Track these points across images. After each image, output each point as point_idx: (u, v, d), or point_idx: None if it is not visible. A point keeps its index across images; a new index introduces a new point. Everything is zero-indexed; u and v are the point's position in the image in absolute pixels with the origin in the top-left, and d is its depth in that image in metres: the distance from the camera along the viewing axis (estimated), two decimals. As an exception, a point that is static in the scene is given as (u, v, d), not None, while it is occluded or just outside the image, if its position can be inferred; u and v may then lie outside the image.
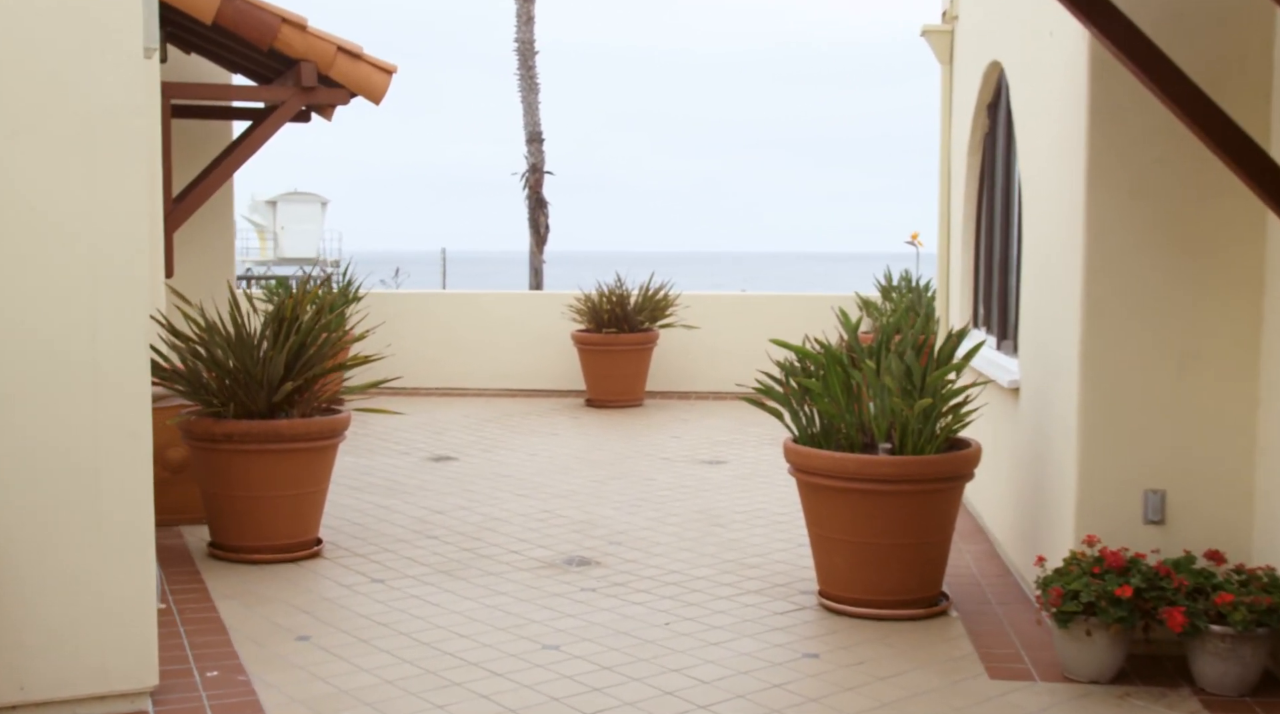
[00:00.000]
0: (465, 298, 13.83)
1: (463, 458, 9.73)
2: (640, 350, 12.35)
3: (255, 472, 6.37)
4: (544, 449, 10.10)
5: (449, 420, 11.56)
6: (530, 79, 26.21)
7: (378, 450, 10.02)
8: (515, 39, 26.16)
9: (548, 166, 26.53)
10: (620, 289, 12.48)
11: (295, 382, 6.38)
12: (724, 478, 8.98)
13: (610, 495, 8.33)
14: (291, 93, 8.17)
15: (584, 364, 12.52)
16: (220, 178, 8.00)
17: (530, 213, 26.53)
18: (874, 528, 5.48)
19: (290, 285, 12.59)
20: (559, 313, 13.11)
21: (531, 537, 7.17)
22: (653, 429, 11.16)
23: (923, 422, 5.46)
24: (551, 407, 12.42)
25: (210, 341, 6.32)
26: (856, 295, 13.01)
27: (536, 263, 26.47)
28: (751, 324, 13.10)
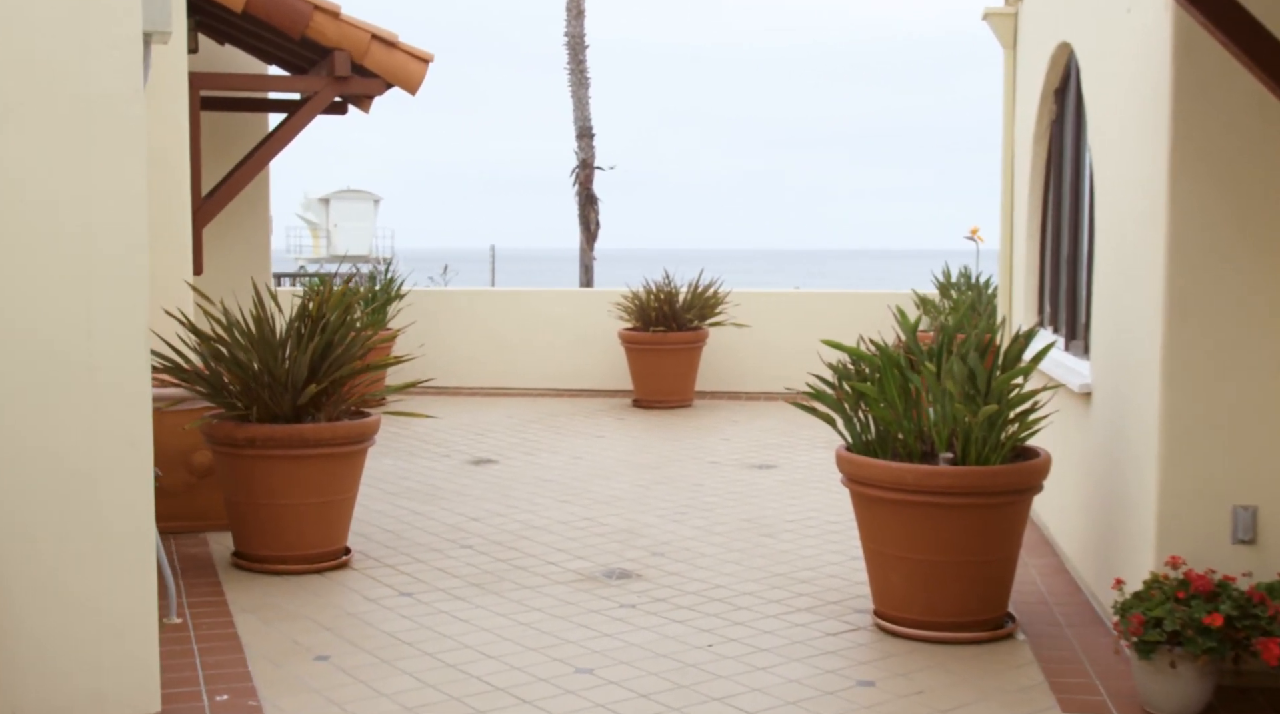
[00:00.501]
0: (510, 296, 13.52)
1: (504, 461, 9.40)
2: (689, 349, 11.97)
3: (279, 478, 6.07)
4: (588, 452, 9.75)
5: (492, 421, 11.24)
6: (580, 73, 25.91)
7: (417, 453, 9.72)
8: (565, 33, 25.86)
9: (598, 162, 26.24)
10: (668, 287, 12.11)
11: (320, 384, 6.06)
12: (774, 483, 8.58)
13: (655, 502, 7.96)
14: (325, 83, 7.87)
15: (631, 364, 12.16)
16: (251, 172, 7.72)
17: (580, 209, 26.23)
18: (934, 544, 5.07)
19: (331, 282, 12.33)
20: (606, 311, 12.77)
21: (570, 546, 6.83)
22: (701, 431, 10.79)
23: (987, 430, 5.05)
24: (597, 407, 12.07)
25: (232, 342, 6.02)
26: (913, 293, 12.55)
27: (587, 260, 26.17)
28: (804, 322, 12.68)
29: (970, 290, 12.24)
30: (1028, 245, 7.89)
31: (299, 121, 7.80)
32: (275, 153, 7.78)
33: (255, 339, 6.01)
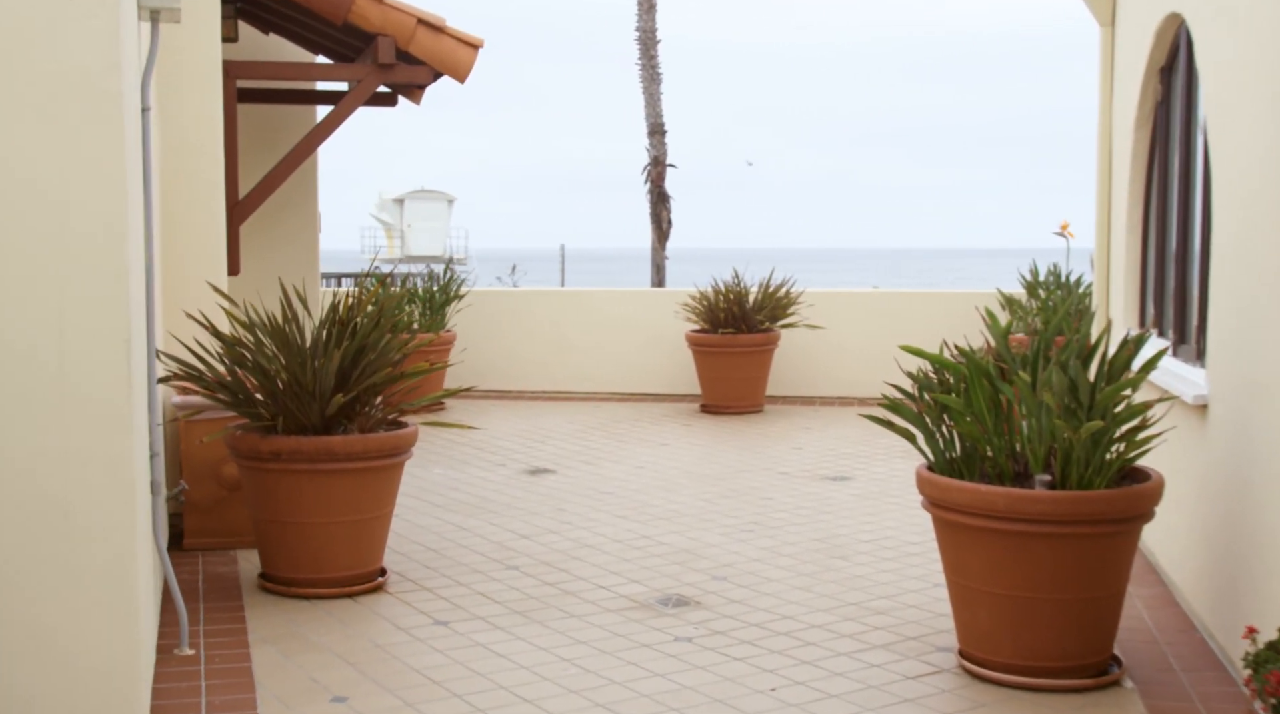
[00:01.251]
0: (573, 295, 13.03)
1: (561, 471, 8.89)
2: (759, 352, 11.38)
3: (306, 494, 5.60)
4: (651, 461, 9.21)
5: (553, 428, 10.74)
6: (652, 69, 25.39)
7: (472, 461, 9.24)
8: (636, 28, 25.35)
9: (670, 159, 25.69)
10: (738, 286, 11.53)
11: (349, 393, 5.58)
12: (848, 497, 7.97)
13: (719, 518, 7.40)
14: (368, 71, 7.41)
15: (699, 367, 11.60)
16: (289, 166, 7.29)
17: (652, 207, 25.71)
18: (1029, 578, 4.45)
19: (386, 283, 11.92)
20: (673, 312, 12.22)
21: (625, 569, 6.29)
22: (771, 439, 10.19)
23: (1091, 448, 4.42)
24: (663, 412, 11.52)
25: (255, 347, 5.56)
26: (998, 293, 11.83)
27: (659, 259, 25.64)
28: (881, 324, 12.04)
29: (1060, 289, 11.50)
30: (1128, 240, 7.21)
31: (341, 112, 7.35)
32: (316, 146, 7.33)
33: (280, 345, 5.54)
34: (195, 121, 6.79)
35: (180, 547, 6.50)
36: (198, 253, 6.84)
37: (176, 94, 6.77)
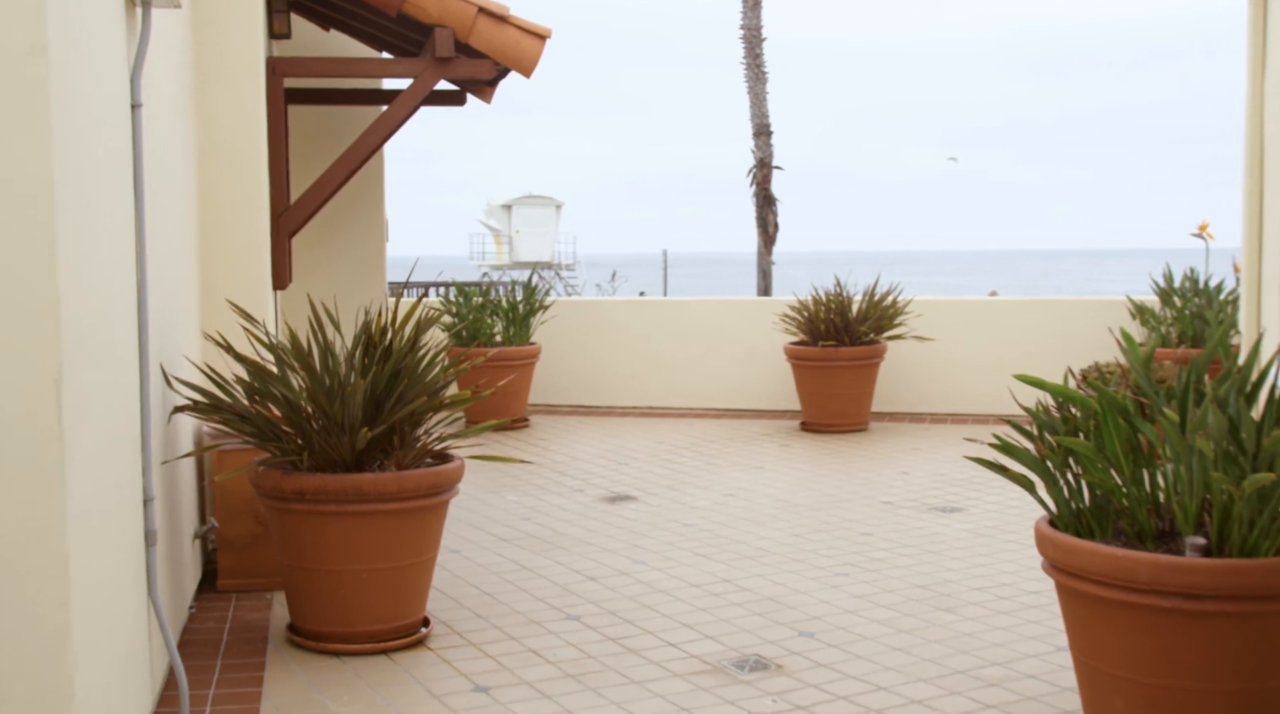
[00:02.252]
0: (665, 305, 12.31)
1: (644, 497, 8.18)
2: (863, 366, 10.53)
3: (334, 539, 4.97)
4: (742, 488, 8.45)
5: (640, 448, 10.04)
6: (757, 68, 24.60)
7: (549, 486, 8.57)
8: (741, 26, 24.59)
9: (776, 161, 24.85)
10: (840, 295, 10.70)
11: (382, 425, 4.93)
12: (959, 533, 7.12)
13: (811, 557, 6.61)
14: (426, 66, 6.79)
15: (798, 382, 10.80)
16: (340, 171, 6.70)
17: (758, 211, 24.91)
18: (1178, 665, 3.61)
19: (468, 294, 11.35)
20: (771, 322, 11.43)
21: (699, 620, 5.55)
22: (875, 461, 9.35)
23: (1257, 505, 3.56)
24: (760, 431, 10.74)
25: (276, 373, 4.94)
26: (1128, 301, 10.82)
27: (765, 264, 24.82)
28: (997, 335, 11.12)
29: (1198, 297, 10.45)
30: (1284, 243, 6.25)
31: (397, 112, 6.75)
32: (372, 149, 6.74)
33: (304, 370, 4.91)
34: (235, 123, 6.24)
35: (214, 588, 5.94)
36: (237, 265, 6.29)
37: (214, 93, 6.23)
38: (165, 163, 5.03)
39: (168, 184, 5.08)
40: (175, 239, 5.36)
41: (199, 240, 6.24)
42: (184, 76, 5.95)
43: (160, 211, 4.85)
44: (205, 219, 6.26)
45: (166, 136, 5.07)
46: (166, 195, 5.05)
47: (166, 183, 5.05)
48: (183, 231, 5.66)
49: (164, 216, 4.96)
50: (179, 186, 5.53)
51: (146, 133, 4.34)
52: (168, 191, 5.08)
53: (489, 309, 11.28)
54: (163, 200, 4.92)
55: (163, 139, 4.94)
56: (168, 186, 5.08)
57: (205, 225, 6.26)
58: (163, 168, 4.93)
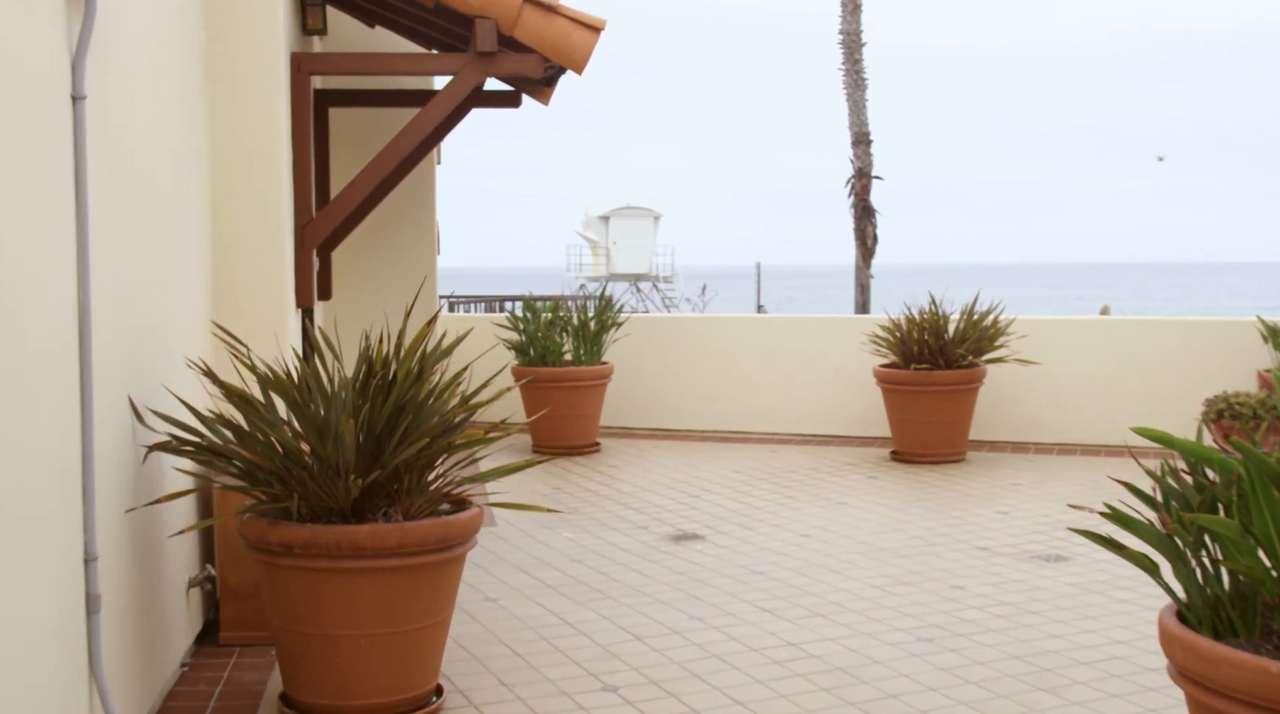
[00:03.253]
0: (748, 322, 11.53)
1: (712, 536, 7.43)
2: (960, 392, 9.65)
3: (329, 599, 4.31)
4: (821, 526, 7.65)
5: (715, 477, 9.29)
6: (856, 74, 23.70)
7: (609, 522, 7.86)
8: (840, 31, 23.73)
9: (876, 171, 23.93)
10: (934, 314, 9.84)
11: (380, 469, 4.26)
12: (1065, 588, 6.25)
13: (892, 616, 5.81)
14: (466, 62, 6.14)
15: (889, 407, 9.95)
16: (370, 178, 6.08)
17: (856, 222, 23.99)
18: (1350, 814, 2.76)
19: (536, 310, 10.69)
20: (860, 342, 10.60)
21: (755, 696, 4.79)
22: (972, 498, 8.47)
23: None
24: (847, 460, 9.91)
25: (256, 409, 4.30)
26: (1258, 321, 9.78)
27: (863, 278, 23.89)
28: (1111, 357, 10.16)
29: (1339, 318, 9.38)
30: None
31: (434, 113, 6.11)
32: (403, 153, 6.10)
33: (291, 406, 4.26)
34: (251, 124, 5.66)
35: (216, 641, 5.33)
36: (255, 281, 5.69)
37: (227, 91, 5.64)
38: (147, 165, 4.44)
39: (151, 190, 4.48)
40: (167, 254, 4.77)
41: (211, 254, 5.66)
42: (191, 73, 5.38)
43: (137, 221, 4.25)
44: (219, 230, 5.68)
45: (148, 136, 4.47)
46: (149, 203, 4.45)
47: (148, 188, 4.45)
48: (181, 245, 5.08)
49: (143, 227, 4.36)
50: (175, 194, 4.94)
51: (100, 129, 3.74)
52: (151, 199, 4.48)
53: (558, 326, 10.62)
54: (141, 208, 4.32)
55: (141, 139, 4.35)
56: (151, 193, 4.48)
57: (220, 237, 5.68)
58: (140, 171, 4.33)
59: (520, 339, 10.60)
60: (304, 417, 4.18)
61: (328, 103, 7.22)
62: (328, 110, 7.23)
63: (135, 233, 4.22)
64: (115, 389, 3.96)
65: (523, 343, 10.54)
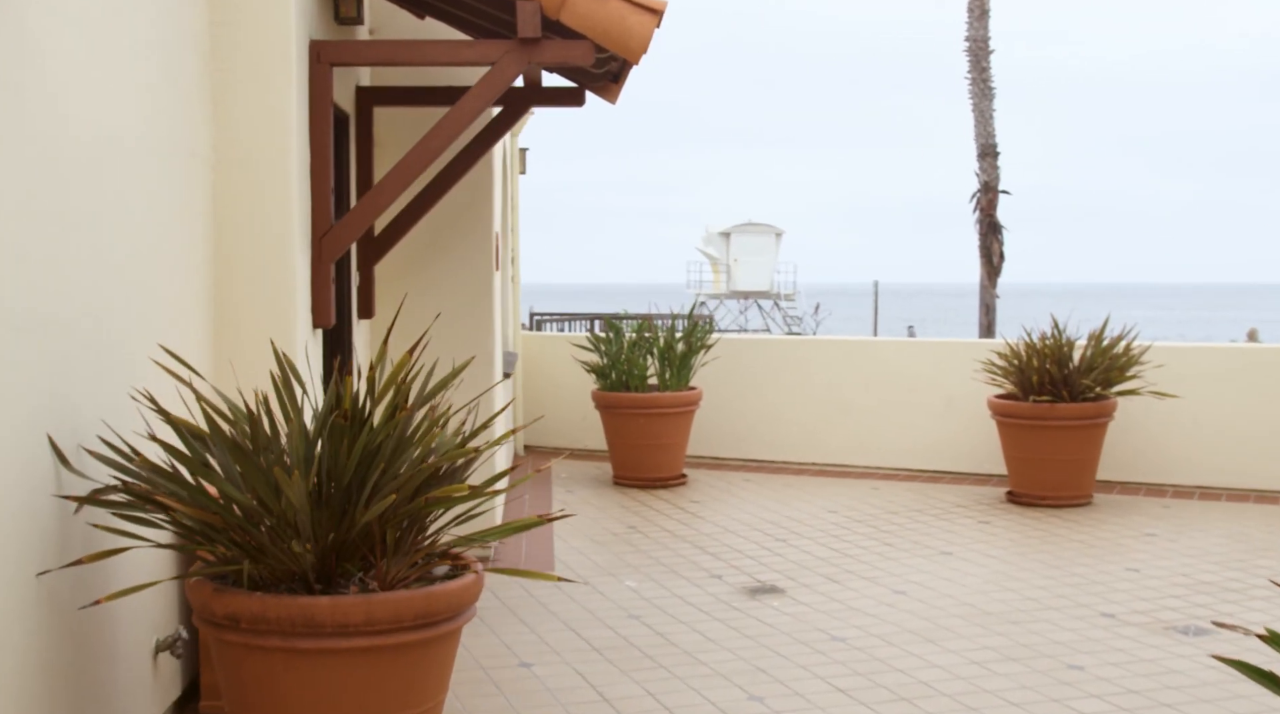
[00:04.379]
0: (850, 346, 10.58)
1: (793, 590, 6.55)
2: (1085, 427, 8.59)
3: (285, 686, 3.55)
4: (920, 582, 6.70)
5: (807, 518, 8.38)
6: (983, 83, 22.49)
7: (681, 568, 7.02)
8: (966, 38, 22.55)
9: (1003, 185, 22.67)
10: (1058, 340, 8.80)
11: (346, 529, 3.50)
12: (1208, 673, 5.22)
13: (994, 704, 4.86)
14: (506, 49, 5.38)
15: (1005, 442, 8.93)
16: (395, 184, 5.35)
17: (981, 239, 22.74)
18: None
19: (618, 329, 9.91)
20: (974, 369, 9.59)
21: (814, 811, 3.91)
22: (1097, 550, 7.43)
23: None
24: (957, 500, 8.92)
25: (188, 454, 3.55)
26: None
27: (988, 297, 22.63)
28: (1260, 390, 9.00)
29: None
30: None
31: (471, 106, 5.35)
32: (433, 154, 5.35)
33: (234, 454, 3.51)
34: (255, 121, 4.98)
35: (196, 710, 4.64)
36: (260, 298, 5.01)
37: (229, 84, 4.97)
38: (89, 166, 3.76)
39: (94, 196, 3.80)
40: (129, 268, 4.09)
41: (213, 268, 4.99)
42: (185, 58, 4.72)
43: (70, 232, 3.57)
44: (223, 241, 5.01)
45: (93, 130, 3.79)
46: (92, 212, 3.76)
47: (90, 194, 3.77)
48: (159, 257, 4.40)
49: (82, 239, 3.68)
50: (145, 198, 4.26)
51: None
52: (94, 206, 3.80)
53: (643, 348, 9.83)
54: (79, 218, 3.64)
55: (77, 131, 3.67)
56: (94, 199, 3.80)
57: (221, 249, 5.01)
58: (77, 172, 3.65)
59: (601, 361, 9.83)
60: (249, 465, 3.44)
61: (372, 101, 6.55)
62: (371, 110, 6.57)
63: (64, 246, 3.53)
64: (30, 428, 3.27)
65: (603, 366, 9.77)
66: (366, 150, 6.60)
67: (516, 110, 6.62)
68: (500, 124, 6.64)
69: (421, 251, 7.09)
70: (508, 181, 10.46)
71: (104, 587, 3.78)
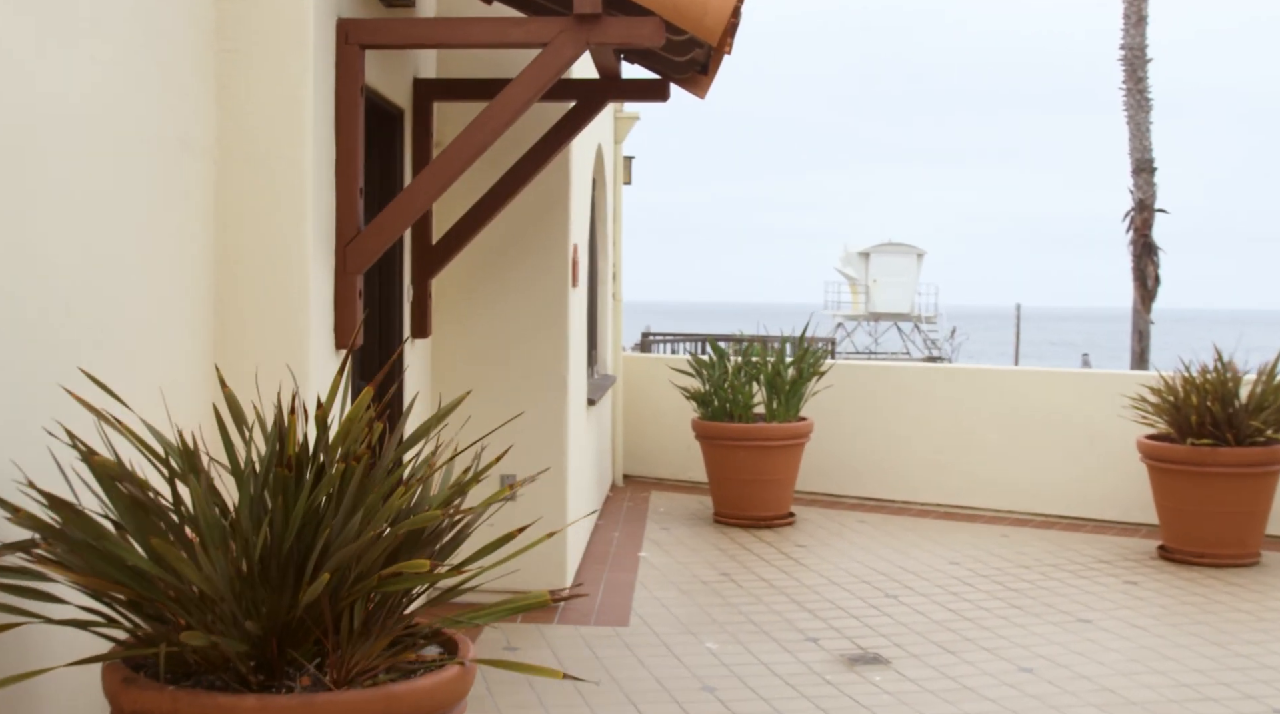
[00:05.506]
0: (979, 376, 9.54)
1: (899, 661, 5.62)
2: (1253, 476, 7.45)
3: (209, 803, 2.80)
4: (1050, 656, 5.71)
5: (923, 569, 7.42)
6: (1139, 94, 21.04)
7: (771, 628, 6.15)
8: (1121, 45, 21.13)
9: (1160, 203, 21.16)
10: (1222, 374, 7.67)
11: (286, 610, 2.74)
12: None
13: (1135, 832, 3.89)
14: (560, 28, 4.61)
15: (1157, 490, 7.83)
16: (432, 184, 4.61)
17: (1135, 260, 21.26)
18: None
19: (724, 351, 9.07)
20: (1122, 404, 8.50)
21: None
22: (1268, 622, 6.32)
23: None
24: (1099, 554, 7.84)
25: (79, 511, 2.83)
26: None
27: (1141, 323, 21.12)
28: None
29: None
30: None
31: (518, 96, 4.58)
32: (476, 149, 4.58)
33: (130, 509, 2.77)
34: (266, 110, 4.30)
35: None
36: (267, 313, 4.32)
37: (240, 63, 4.30)
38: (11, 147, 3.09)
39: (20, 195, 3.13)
40: (85, 281, 3.42)
41: (216, 278, 4.32)
42: (181, 32, 4.06)
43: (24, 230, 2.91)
44: (226, 249, 4.34)
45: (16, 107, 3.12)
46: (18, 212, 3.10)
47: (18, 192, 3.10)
48: (136, 265, 3.74)
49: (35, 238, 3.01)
50: (115, 197, 3.60)
51: None
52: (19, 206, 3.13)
53: (749, 373, 8.97)
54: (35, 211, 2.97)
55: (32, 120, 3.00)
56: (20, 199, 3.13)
57: (226, 259, 4.33)
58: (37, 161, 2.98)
59: (702, 387, 9.00)
60: (145, 524, 2.70)
61: (432, 95, 5.86)
62: (431, 105, 5.87)
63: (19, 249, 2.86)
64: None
65: (704, 392, 8.93)
66: (424, 150, 5.90)
67: (592, 105, 5.85)
68: (574, 121, 5.88)
69: (487, 264, 6.37)
70: (606, 190, 9.72)
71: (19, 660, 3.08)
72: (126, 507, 2.70)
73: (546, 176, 6.30)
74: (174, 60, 4.03)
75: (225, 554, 2.63)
